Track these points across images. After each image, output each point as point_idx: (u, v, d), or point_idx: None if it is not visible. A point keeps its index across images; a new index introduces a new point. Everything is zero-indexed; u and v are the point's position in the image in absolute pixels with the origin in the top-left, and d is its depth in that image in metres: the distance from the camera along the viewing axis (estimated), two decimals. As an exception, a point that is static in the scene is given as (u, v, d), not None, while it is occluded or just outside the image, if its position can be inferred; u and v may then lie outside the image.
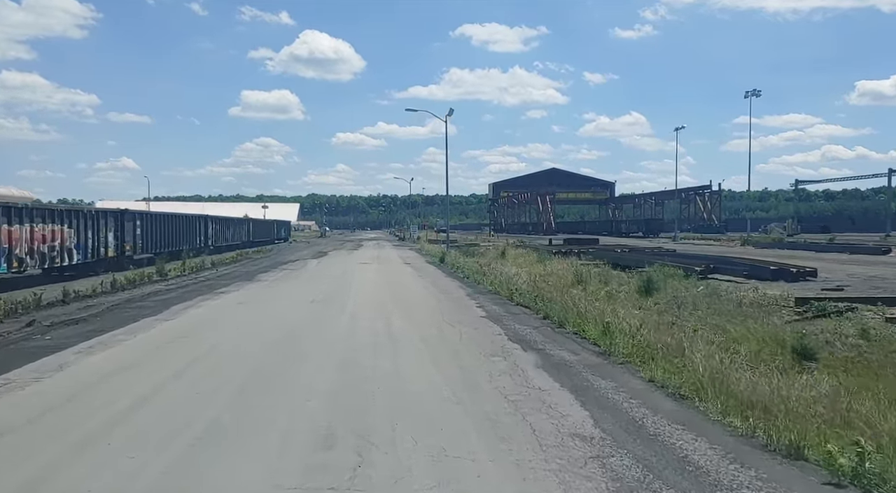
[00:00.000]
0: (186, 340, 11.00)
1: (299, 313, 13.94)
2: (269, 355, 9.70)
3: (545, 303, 14.46)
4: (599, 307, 12.86)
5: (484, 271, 23.70)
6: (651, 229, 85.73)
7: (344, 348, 10.14)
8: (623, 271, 25.52)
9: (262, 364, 9.01)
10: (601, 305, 14.20)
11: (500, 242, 57.80)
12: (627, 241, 61.30)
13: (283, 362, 9.15)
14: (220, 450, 5.49)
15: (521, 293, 16.76)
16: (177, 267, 26.99)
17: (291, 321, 12.96)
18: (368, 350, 9.92)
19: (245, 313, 14.14)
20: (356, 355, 9.61)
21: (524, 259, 33.62)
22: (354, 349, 10.03)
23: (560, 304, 14.21)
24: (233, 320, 13.03)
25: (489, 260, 31.74)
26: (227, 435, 5.90)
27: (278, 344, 10.53)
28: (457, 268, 27.37)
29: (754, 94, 63.08)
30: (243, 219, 52.26)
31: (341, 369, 8.72)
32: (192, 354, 9.76)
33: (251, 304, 16.09)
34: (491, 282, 20.38)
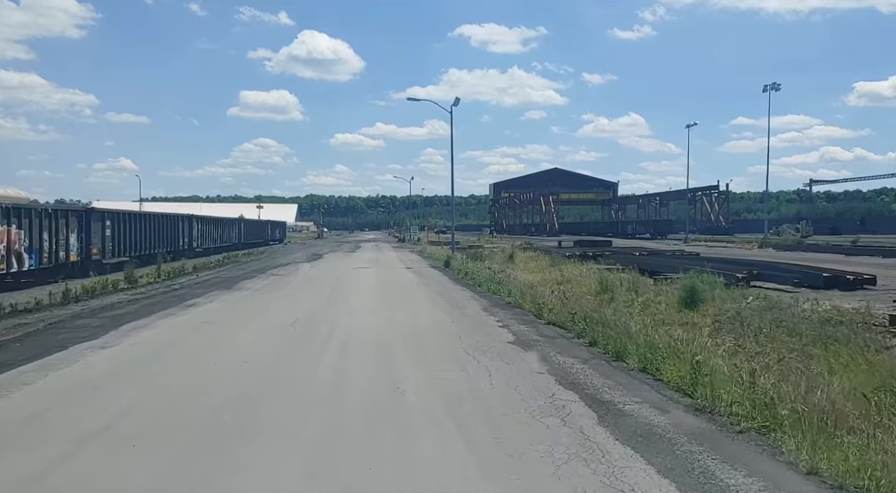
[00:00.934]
0: (84, 399, 7.26)
1: (271, 346, 10.56)
2: (193, 441, 5.81)
3: (587, 323, 11.47)
4: (669, 334, 9.89)
5: (499, 279, 20.71)
6: (659, 231, 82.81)
7: (320, 426, 6.26)
8: (649, 276, 22.61)
9: (171, 468, 5.16)
10: (641, 316, 11.28)
11: (505, 244, 54.85)
12: (640, 243, 58.38)
13: (207, 467, 5.18)
14: None
15: (551, 308, 13.79)
16: (151, 273, 23.99)
17: (256, 363, 9.16)
18: (358, 427, 6.24)
19: (201, 343, 10.94)
20: (337, 443, 5.78)
21: (536, 263, 30.75)
22: (338, 426, 6.26)
23: (602, 321, 11.27)
24: (179, 357, 9.83)
25: (501, 265, 28.80)
26: None
27: (220, 412, 6.73)
28: (465, 274, 24.38)
29: (773, 87, 60.12)
30: (234, 219, 49.21)
31: (308, 482, 4.95)
32: (70, 435, 6.01)
33: (218, 325, 13.06)
34: (510, 292, 17.39)
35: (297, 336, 11.31)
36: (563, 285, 20.30)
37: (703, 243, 62.37)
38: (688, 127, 67.97)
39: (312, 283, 22.53)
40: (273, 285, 21.59)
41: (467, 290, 19.80)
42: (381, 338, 11.02)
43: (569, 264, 29.72)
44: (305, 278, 25.00)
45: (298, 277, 25.43)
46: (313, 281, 23.26)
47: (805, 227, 77.26)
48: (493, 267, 24.81)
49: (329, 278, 24.77)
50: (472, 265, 26.48)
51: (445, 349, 10.04)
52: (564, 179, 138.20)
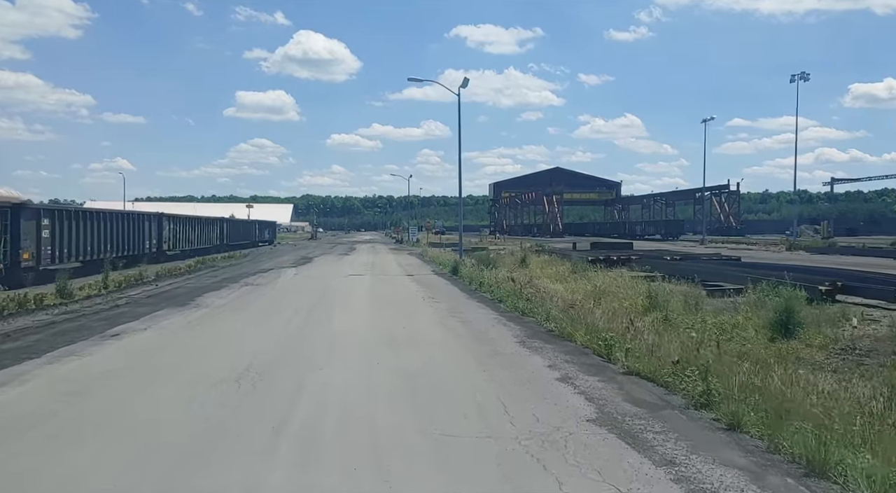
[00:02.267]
0: None
1: (197, 426, 6.22)
2: None
3: (702, 378, 7.12)
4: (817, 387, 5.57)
5: (526, 295, 16.35)
6: (670, 231, 78.60)
7: None
8: (699, 288, 18.37)
9: None
10: (727, 345, 7.05)
11: (511, 246, 50.46)
12: (657, 245, 54.11)
13: None
14: None
15: (624, 346, 9.46)
16: (96, 283, 19.59)
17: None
18: None
19: (73, 431, 6.55)
20: None
21: (554, 269, 26.51)
22: None
23: (718, 373, 7.02)
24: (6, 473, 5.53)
25: (518, 273, 24.49)
26: None
27: None
28: (479, 285, 20.03)
29: (802, 77, 55.82)
30: (215, 219, 44.63)
31: None
32: None
33: (132, 374, 8.67)
34: (548, 315, 13.04)
35: (230, 417, 6.64)
36: (601, 300, 16.07)
37: (722, 245, 58.08)
38: (704, 122, 63.78)
39: (292, 297, 18.15)
40: (242, 300, 17.21)
41: (487, 308, 15.45)
42: (375, 418, 6.60)
43: (594, 271, 25.53)
44: (285, 288, 20.61)
45: (277, 287, 21.04)
46: (293, 295, 18.88)
47: (826, 227, 73.17)
48: (512, 276, 20.43)
49: (313, 289, 20.40)
50: (487, 274, 22.11)
51: (487, 445, 5.68)
52: (566, 179, 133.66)
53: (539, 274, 25.35)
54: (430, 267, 31.07)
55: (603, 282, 20.48)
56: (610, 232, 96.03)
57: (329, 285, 21.55)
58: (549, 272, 25.47)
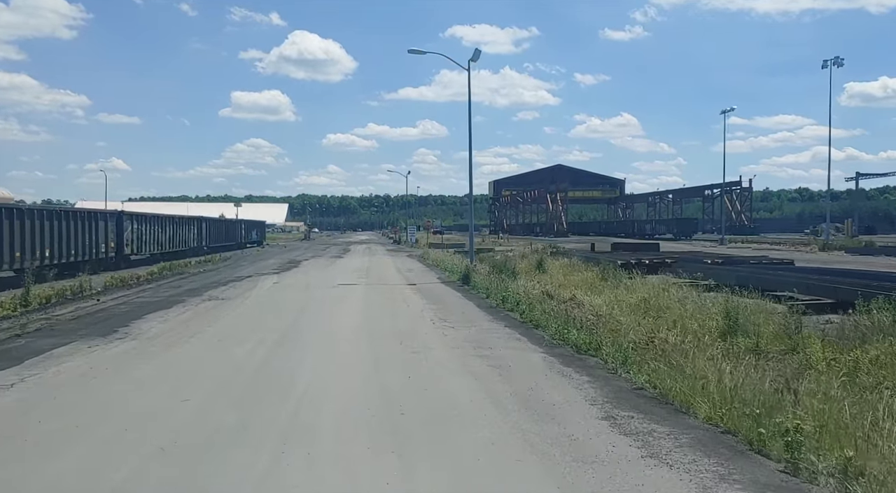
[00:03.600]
0: None
1: None
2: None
3: None
4: None
5: (576, 318, 12.00)
6: (684, 230, 74.34)
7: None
8: (770, 300, 14.24)
9: None
10: None
11: (518, 247, 46.10)
12: (682, 246, 49.87)
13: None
14: None
15: (790, 431, 5.16)
16: (9, 300, 15.22)
17: None
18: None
19: None
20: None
21: (580, 276, 22.32)
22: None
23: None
24: None
25: (537, 279, 20.25)
26: None
27: None
28: (502, 300, 15.72)
29: (836, 63, 51.65)
30: (192, 218, 40.06)
31: None
32: None
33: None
34: (625, 357, 8.72)
35: None
36: (662, 320, 11.91)
37: (743, 245, 53.81)
38: (723, 113, 59.46)
39: (258, 318, 13.81)
40: (190, 325, 12.85)
41: (524, 338, 11.14)
42: None
43: (628, 278, 21.34)
44: (255, 305, 16.26)
45: (245, 303, 16.69)
46: (262, 314, 14.54)
47: (850, 226, 69.04)
48: (547, 289, 16.05)
49: (291, 305, 16.07)
50: (509, 285, 17.77)
51: None
52: (568, 177, 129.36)
53: (563, 281, 21.15)
54: (435, 273, 26.76)
55: (649, 293, 16.32)
56: (616, 231, 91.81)
57: (312, 300, 17.23)
58: (575, 280, 21.27)
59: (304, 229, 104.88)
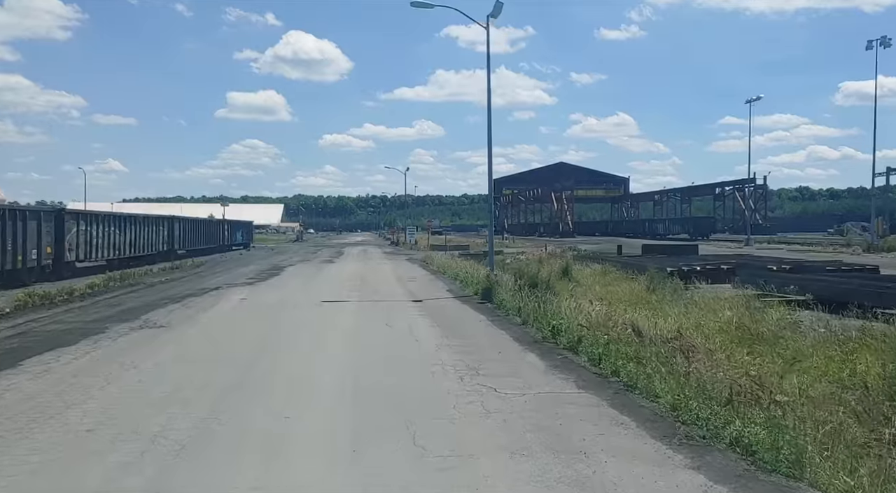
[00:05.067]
0: None
1: None
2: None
3: None
4: None
5: (695, 371, 7.19)
6: (700, 230, 69.59)
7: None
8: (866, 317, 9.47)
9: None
10: None
11: (529, 249, 41.37)
12: (716, 249, 45.10)
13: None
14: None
15: None
16: None
17: None
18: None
19: None
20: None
21: (623, 287, 17.66)
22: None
23: None
24: None
25: (590, 296, 15.52)
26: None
27: None
28: (552, 331, 10.92)
29: (883, 43, 46.82)
30: (161, 218, 34.72)
31: None
32: None
33: None
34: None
35: None
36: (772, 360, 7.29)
37: (770, 246, 49.04)
38: (748, 102, 54.75)
39: (188, 372, 8.98)
40: (65, 392, 8.02)
41: (630, 421, 6.34)
42: None
43: (682, 288, 16.78)
44: (196, 341, 11.40)
45: (187, 337, 11.85)
46: (198, 361, 9.70)
47: (881, 225, 64.38)
48: (635, 321, 11.12)
49: (249, 339, 11.26)
50: (553, 305, 12.90)
51: None
52: (570, 175, 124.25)
53: (603, 294, 16.50)
54: (443, 283, 22.00)
55: (727, 314, 11.84)
56: (625, 231, 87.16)
57: (281, 331, 12.44)
58: (617, 293, 16.64)
59: (298, 230, 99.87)
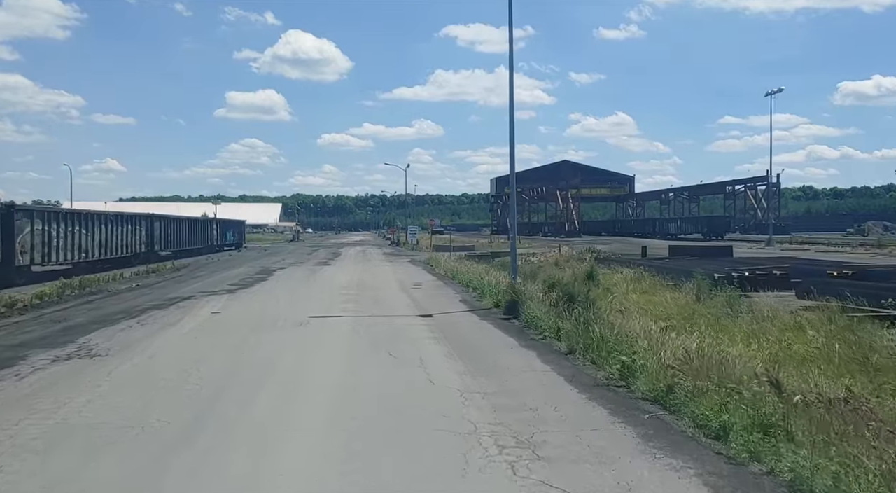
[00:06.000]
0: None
1: None
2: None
3: None
4: None
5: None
6: (715, 229, 66.50)
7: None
8: None
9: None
10: None
11: (541, 250, 38.29)
12: (745, 251, 41.98)
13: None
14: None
15: None
16: None
17: None
18: None
19: None
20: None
21: (664, 297, 14.60)
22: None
23: None
24: None
25: (623, 305, 12.42)
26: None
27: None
28: (622, 370, 7.83)
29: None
30: (138, 216, 31.26)
31: None
32: None
33: None
34: None
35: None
36: None
37: (793, 246, 45.98)
38: (769, 95, 51.71)
39: (65, 463, 5.87)
40: None
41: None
42: None
43: (732, 297, 13.84)
44: (126, 385, 8.28)
45: (121, 372, 8.74)
46: (108, 422, 6.59)
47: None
48: (684, 345, 8.02)
49: (204, 379, 8.15)
50: (601, 325, 9.77)
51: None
52: (573, 173, 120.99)
53: (641, 303, 13.51)
54: (453, 290, 18.95)
55: (810, 334, 8.96)
56: (633, 231, 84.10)
57: (243, 370, 9.35)
58: (660, 304, 13.63)
59: (294, 230, 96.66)
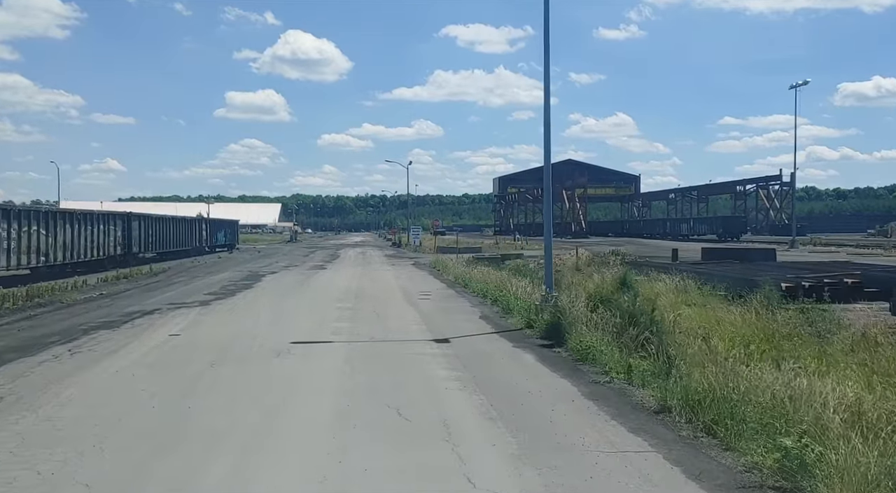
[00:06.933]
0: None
1: None
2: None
3: None
4: None
5: None
6: (731, 230, 63.43)
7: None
8: None
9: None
10: None
11: (556, 252, 35.20)
12: (786, 255, 38.78)
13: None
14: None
15: None
16: None
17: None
18: None
19: None
20: None
21: (724, 314, 11.37)
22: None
23: None
24: None
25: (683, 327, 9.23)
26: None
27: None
28: (790, 459, 4.68)
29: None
30: (112, 214, 28.28)
31: None
32: None
33: None
34: None
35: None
36: None
37: (824, 249, 42.98)
38: (793, 88, 48.58)
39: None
40: None
41: None
42: None
43: (810, 317, 10.46)
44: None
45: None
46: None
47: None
48: None
49: (108, 474, 5.03)
50: (685, 363, 6.65)
51: None
52: (581, 172, 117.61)
53: (704, 323, 10.40)
54: (470, 304, 15.87)
55: None
56: (642, 231, 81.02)
57: (170, 446, 6.22)
58: (723, 321, 10.47)
59: (292, 230, 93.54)
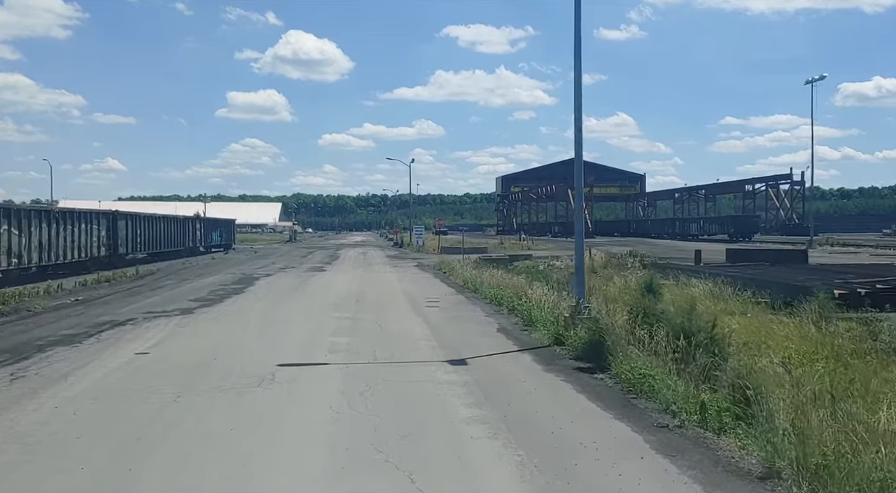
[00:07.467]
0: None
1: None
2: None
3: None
4: None
5: None
6: (742, 230, 61.46)
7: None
8: None
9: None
10: None
11: (564, 253, 33.38)
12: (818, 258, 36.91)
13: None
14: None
15: None
16: None
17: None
18: None
19: None
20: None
21: (773, 326, 9.43)
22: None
23: None
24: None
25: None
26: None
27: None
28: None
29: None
30: (98, 214, 26.28)
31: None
32: None
33: None
34: None
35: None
36: None
37: (845, 250, 41.12)
38: (809, 82, 46.79)
39: None
40: None
41: None
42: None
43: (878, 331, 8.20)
44: None
45: None
46: None
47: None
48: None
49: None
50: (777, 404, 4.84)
51: None
52: (588, 171, 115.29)
53: (752, 339, 8.52)
54: (484, 312, 14.05)
55: None
56: (649, 231, 79.15)
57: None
58: (776, 335, 8.55)
59: (291, 229, 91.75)
